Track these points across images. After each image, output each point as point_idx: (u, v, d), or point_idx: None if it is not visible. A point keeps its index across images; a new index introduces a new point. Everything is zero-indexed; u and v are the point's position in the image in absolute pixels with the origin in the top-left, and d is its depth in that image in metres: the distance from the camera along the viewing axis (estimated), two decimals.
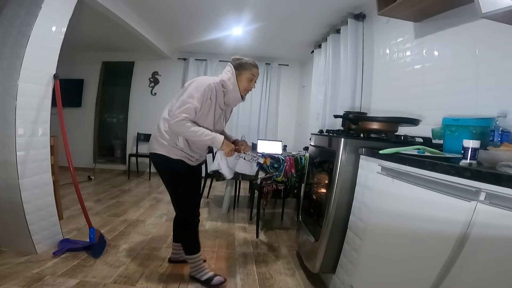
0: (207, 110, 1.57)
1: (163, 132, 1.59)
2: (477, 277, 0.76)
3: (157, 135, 1.61)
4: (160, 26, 3.67)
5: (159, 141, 1.59)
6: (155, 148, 1.60)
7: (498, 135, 1.11)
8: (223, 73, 1.67)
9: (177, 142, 1.58)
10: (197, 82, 1.57)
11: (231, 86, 1.63)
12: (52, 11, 1.87)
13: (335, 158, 1.49)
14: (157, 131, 1.62)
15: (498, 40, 1.32)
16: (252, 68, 1.71)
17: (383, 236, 1.19)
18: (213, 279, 1.65)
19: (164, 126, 1.60)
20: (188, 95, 1.52)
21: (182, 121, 1.48)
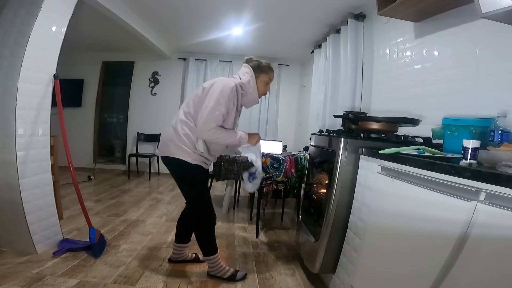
0: (231, 113, 1.58)
1: (181, 135, 1.55)
2: (477, 277, 0.76)
3: (174, 139, 1.56)
4: (160, 26, 3.67)
5: (177, 145, 1.55)
6: (172, 153, 1.56)
7: (498, 135, 1.11)
8: (241, 74, 1.66)
9: (196, 146, 1.56)
10: (221, 86, 1.53)
11: (250, 89, 1.63)
12: (52, 11, 1.87)
13: (335, 158, 1.49)
14: (174, 134, 1.57)
15: (498, 40, 1.32)
16: (269, 72, 1.70)
17: (383, 236, 1.19)
18: (237, 275, 1.72)
19: (182, 129, 1.55)
20: (215, 102, 1.49)
21: (213, 130, 1.49)
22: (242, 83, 1.62)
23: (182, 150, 1.55)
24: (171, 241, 2.21)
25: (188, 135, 1.55)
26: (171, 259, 1.88)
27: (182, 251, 1.86)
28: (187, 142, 1.55)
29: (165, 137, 1.63)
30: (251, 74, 1.64)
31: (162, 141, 1.65)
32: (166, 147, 1.59)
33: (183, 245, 1.85)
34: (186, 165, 1.55)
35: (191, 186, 1.63)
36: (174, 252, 1.88)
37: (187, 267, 1.84)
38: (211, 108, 1.49)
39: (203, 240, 1.69)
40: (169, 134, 1.60)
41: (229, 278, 1.70)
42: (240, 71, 1.69)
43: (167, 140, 1.59)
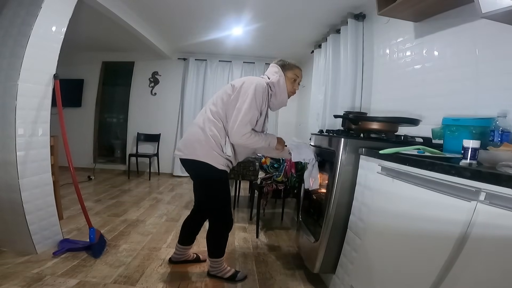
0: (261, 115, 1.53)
1: (209, 136, 1.46)
2: (477, 277, 0.76)
3: (201, 139, 1.47)
4: (160, 26, 3.67)
5: (204, 148, 1.46)
6: (199, 156, 1.46)
7: (498, 135, 1.11)
8: (270, 74, 1.59)
9: (224, 149, 1.48)
10: (254, 85, 1.46)
11: (280, 89, 1.57)
12: (52, 11, 1.87)
13: (335, 158, 1.49)
14: (202, 135, 1.47)
15: (498, 40, 1.32)
16: (295, 68, 1.64)
17: (383, 236, 1.19)
18: (237, 275, 1.71)
19: (210, 129, 1.47)
20: (249, 104, 1.43)
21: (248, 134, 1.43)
22: (272, 83, 1.55)
23: (210, 153, 1.46)
24: (171, 241, 2.22)
25: (217, 136, 1.47)
26: (172, 260, 1.87)
27: (185, 252, 1.86)
28: (215, 145, 1.46)
29: (190, 137, 1.52)
30: (280, 73, 1.57)
31: (187, 141, 1.53)
32: (192, 148, 1.48)
33: (187, 247, 1.85)
34: (213, 170, 1.48)
35: (215, 193, 1.56)
36: (176, 253, 1.86)
37: (187, 267, 1.84)
38: (246, 110, 1.41)
39: (216, 242, 1.66)
40: (195, 134, 1.50)
41: (230, 278, 1.70)
42: (268, 71, 1.62)
43: (194, 141, 1.49)
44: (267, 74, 1.61)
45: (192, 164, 1.50)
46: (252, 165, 2.81)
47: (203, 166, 1.47)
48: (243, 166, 2.82)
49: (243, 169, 2.83)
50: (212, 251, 1.68)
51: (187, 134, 1.58)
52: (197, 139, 1.48)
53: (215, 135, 1.47)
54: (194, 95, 4.89)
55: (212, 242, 1.67)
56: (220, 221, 1.62)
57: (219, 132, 1.48)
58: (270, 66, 1.65)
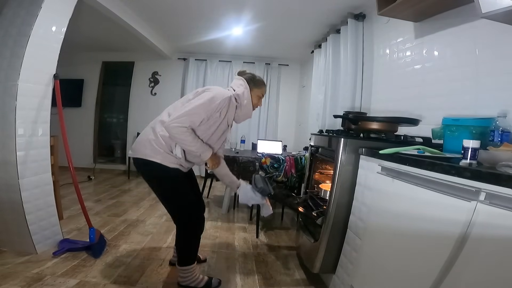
0: (212, 123, 1.50)
1: (159, 137, 1.47)
2: (478, 277, 0.76)
3: (150, 139, 1.47)
4: (160, 26, 3.67)
5: (153, 147, 1.46)
6: (147, 154, 1.46)
7: (498, 135, 1.11)
8: (235, 86, 1.61)
9: (173, 150, 1.47)
10: (213, 93, 1.47)
11: (245, 101, 1.58)
12: (52, 11, 1.87)
13: (335, 158, 1.49)
14: (152, 135, 1.49)
15: (498, 40, 1.32)
16: (263, 86, 1.68)
17: (383, 236, 1.19)
18: (212, 282, 1.63)
19: (161, 129, 1.48)
20: (199, 105, 1.42)
21: (183, 129, 1.39)
22: (237, 95, 1.57)
23: (158, 152, 1.45)
24: (171, 241, 2.22)
25: (166, 136, 1.46)
26: (172, 262, 1.85)
27: None
28: (164, 145, 1.46)
29: (141, 137, 1.54)
30: (245, 86, 1.60)
31: (139, 140, 1.54)
32: (142, 147, 1.48)
33: None
34: (162, 169, 1.46)
35: (171, 193, 1.52)
36: (174, 255, 1.84)
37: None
38: (192, 107, 1.42)
39: (183, 248, 1.57)
40: (146, 134, 1.52)
41: (204, 287, 1.60)
42: (234, 83, 1.64)
43: (144, 141, 1.49)
44: (232, 86, 1.62)
45: (143, 164, 1.48)
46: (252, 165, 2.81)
47: (152, 165, 1.45)
48: (243, 166, 2.82)
49: (243, 169, 2.82)
50: (181, 258, 1.57)
51: (140, 135, 1.58)
52: (147, 139, 1.49)
53: (165, 135, 1.46)
54: None
55: (179, 248, 1.58)
56: (183, 223, 1.54)
57: None
58: (236, 78, 1.67)
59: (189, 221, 1.54)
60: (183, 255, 1.58)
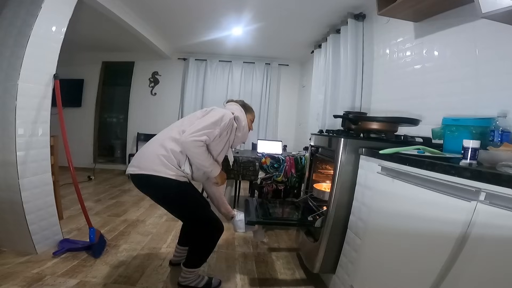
0: (220, 141, 1.55)
1: (170, 152, 1.46)
2: (478, 277, 0.76)
3: (160, 155, 1.44)
4: (160, 26, 3.67)
5: (165, 163, 1.43)
6: (157, 170, 1.42)
7: (498, 135, 1.11)
8: (233, 110, 1.66)
9: (182, 166, 1.48)
10: (223, 112, 1.54)
11: (243, 123, 1.64)
12: (52, 11, 1.87)
13: (335, 158, 1.49)
14: (162, 150, 1.46)
15: (498, 40, 1.32)
16: (253, 112, 1.78)
17: (383, 236, 1.19)
18: (212, 282, 1.62)
19: (170, 145, 1.47)
20: (214, 122, 1.48)
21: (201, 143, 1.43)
22: (237, 117, 1.62)
23: (170, 168, 1.44)
24: (171, 241, 2.22)
25: (176, 152, 1.46)
26: (173, 262, 1.85)
27: (184, 253, 1.83)
28: (174, 160, 1.46)
29: (147, 153, 1.50)
30: (241, 109, 1.68)
31: (143, 156, 1.50)
32: (150, 163, 1.44)
33: (186, 248, 1.81)
34: (176, 184, 1.46)
35: (187, 205, 1.53)
36: (175, 254, 1.85)
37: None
38: (209, 123, 1.46)
39: (200, 254, 1.58)
40: (154, 149, 1.49)
41: (205, 287, 1.60)
42: (231, 108, 1.68)
43: (152, 156, 1.46)
44: (230, 110, 1.65)
45: (150, 180, 1.43)
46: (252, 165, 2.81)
47: (164, 180, 1.42)
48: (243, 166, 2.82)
49: (243, 169, 2.82)
50: (192, 260, 1.57)
51: (144, 150, 1.53)
52: (156, 154, 1.45)
53: (175, 151, 1.46)
54: (194, 95, 4.89)
55: (196, 252, 1.57)
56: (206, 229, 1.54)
57: (180, 149, 1.47)
58: (231, 103, 1.74)
59: (212, 229, 1.55)
60: (195, 259, 1.57)
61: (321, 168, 2.10)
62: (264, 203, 1.97)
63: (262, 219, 1.66)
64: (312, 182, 2.07)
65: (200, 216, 1.55)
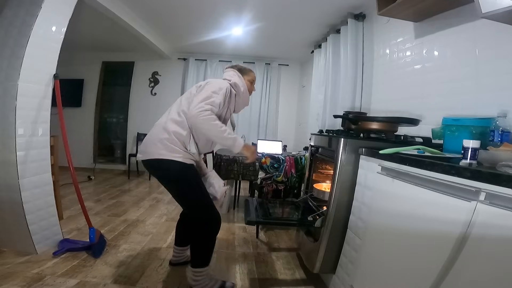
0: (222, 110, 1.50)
1: (172, 134, 1.42)
2: (477, 277, 0.76)
3: (163, 138, 1.42)
4: (160, 26, 3.67)
5: (168, 146, 1.41)
6: (163, 154, 1.40)
7: (498, 135, 1.11)
8: (229, 77, 1.62)
9: (187, 147, 1.44)
10: (218, 82, 1.49)
11: (242, 88, 1.60)
12: (52, 11, 1.87)
13: (335, 158, 1.49)
14: (164, 134, 1.43)
15: (498, 40, 1.32)
16: (251, 72, 1.73)
17: (383, 236, 1.19)
18: (226, 286, 1.59)
19: (172, 128, 1.43)
20: (212, 91, 1.42)
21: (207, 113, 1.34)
22: (234, 83, 1.59)
23: (174, 150, 1.41)
24: (171, 241, 2.22)
25: (180, 134, 1.43)
26: (172, 262, 1.85)
27: (182, 253, 1.85)
28: (178, 142, 1.43)
29: (152, 138, 1.48)
30: (238, 75, 1.63)
31: (148, 142, 1.48)
32: (155, 147, 1.43)
33: (184, 248, 1.84)
34: (182, 167, 1.43)
35: (191, 190, 1.47)
36: (174, 255, 1.85)
37: (187, 267, 1.84)
38: (208, 94, 1.41)
39: (202, 249, 1.51)
40: (157, 134, 1.46)
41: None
42: (226, 75, 1.66)
43: (154, 140, 1.45)
44: (225, 78, 1.64)
45: (157, 164, 1.44)
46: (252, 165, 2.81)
47: (169, 163, 1.41)
48: (243, 166, 2.82)
49: (243, 169, 2.82)
50: (196, 259, 1.50)
51: (149, 136, 1.52)
52: (158, 138, 1.44)
53: (178, 132, 1.43)
54: None
55: (197, 249, 1.51)
56: (204, 222, 1.49)
57: (183, 130, 1.44)
58: (226, 71, 1.70)
59: (212, 214, 1.50)
60: (199, 256, 1.51)
61: (321, 168, 2.10)
62: (264, 203, 1.97)
63: (262, 219, 1.66)
64: (312, 182, 2.07)
65: (205, 204, 1.50)
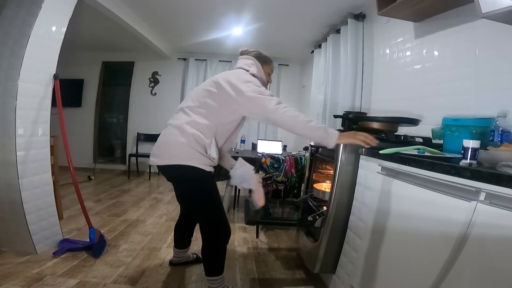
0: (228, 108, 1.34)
1: (191, 137, 1.28)
2: (477, 277, 0.76)
3: (182, 142, 1.28)
4: (160, 26, 3.67)
5: (186, 150, 1.28)
6: (180, 159, 1.28)
7: (498, 135, 1.11)
8: (247, 66, 1.46)
9: (208, 151, 1.31)
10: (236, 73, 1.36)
11: (260, 80, 1.45)
12: (52, 11, 1.87)
13: (335, 158, 1.49)
14: (182, 137, 1.28)
15: (498, 40, 1.32)
16: (271, 63, 1.57)
17: (383, 236, 1.19)
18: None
19: (191, 129, 1.29)
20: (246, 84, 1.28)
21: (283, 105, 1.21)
22: (253, 75, 1.43)
23: (193, 154, 1.28)
24: (171, 241, 2.21)
25: (199, 136, 1.29)
26: (173, 262, 1.84)
27: (183, 255, 1.84)
28: (198, 146, 1.29)
29: (167, 140, 1.34)
30: (257, 64, 1.47)
31: (163, 145, 1.35)
32: (172, 152, 1.30)
33: (184, 250, 1.83)
34: (200, 175, 1.31)
35: (206, 199, 1.37)
36: (175, 256, 1.84)
37: (187, 267, 1.84)
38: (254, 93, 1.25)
39: (213, 258, 1.44)
40: (173, 135, 1.32)
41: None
42: (242, 63, 1.48)
43: (172, 144, 1.31)
44: (241, 67, 1.47)
45: (174, 170, 1.32)
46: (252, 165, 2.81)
47: (187, 170, 1.28)
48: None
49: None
50: (210, 268, 1.44)
51: (164, 137, 1.37)
52: (176, 142, 1.30)
53: (197, 135, 1.29)
54: None
55: (209, 258, 1.45)
56: (216, 232, 1.42)
57: (203, 132, 1.30)
58: (243, 58, 1.51)
59: (224, 228, 1.44)
60: (213, 265, 1.44)
61: (321, 168, 2.10)
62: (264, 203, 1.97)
63: (262, 219, 1.65)
64: (312, 182, 2.07)
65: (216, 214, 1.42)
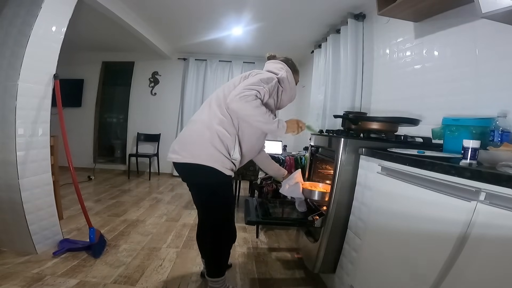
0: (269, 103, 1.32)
1: (217, 136, 1.24)
2: (477, 277, 0.76)
3: (205, 139, 1.23)
4: (160, 26, 3.67)
5: (210, 149, 1.23)
6: (202, 159, 1.23)
7: (498, 135, 1.11)
8: (275, 70, 1.43)
9: (232, 152, 1.27)
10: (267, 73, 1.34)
11: (289, 85, 1.43)
12: (52, 11, 1.87)
13: (335, 158, 1.49)
14: (207, 134, 1.24)
15: (498, 40, 1.32)
16: (298, 74, 1.56)
17: (383, 236, 1.19)
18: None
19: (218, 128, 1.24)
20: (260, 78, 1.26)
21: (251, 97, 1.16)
22: (282, 78, 1.39)
23: (216, 155, 1.24)
24: (171, 241, 2.22)
25: (226, 136, 1.25)
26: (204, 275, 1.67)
27: None
28: (222, 147, 1.25)
29: (191, 137, 1.29)
30: (287, 69, 1.44)
31: (186, 141, 1.29)
32: (194, 150, 1.25)
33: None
34: (219, 176, 1.26)
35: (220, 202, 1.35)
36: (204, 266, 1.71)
37: (187, 267, 1.84)
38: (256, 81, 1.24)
39: (216, 260, 1.44)
40: (198, 133, 1.27)
41: None
42: (272, 67, 1.45)
43: (196, 142, 1.26)
44: (271, 70, 1.44)
45: (192, 170, 1.27)
46: (252, 165, 2.81)
47: (207, 171, 1.24)
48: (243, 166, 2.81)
49: (243, 169, 2.83)
50: (212, 269, 1.45)
51: (186, 133, 1.33)
52: (201, 140, 1.25)
53: (224, 134, 1.25)
54: (194, 95, 4.90)
55: (213, 260, 1.45)
56: (222, 236, 1.41)
57: (228, 131, 1.26)
58: (272, 62, 1.50)
59: (231, 231, 1.45)
60: (215, 266, 1.45)
61: (321, 168, 2.10)
62: (264, 203, 1.97)
63: (262, 219, 1.65)
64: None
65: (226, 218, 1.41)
